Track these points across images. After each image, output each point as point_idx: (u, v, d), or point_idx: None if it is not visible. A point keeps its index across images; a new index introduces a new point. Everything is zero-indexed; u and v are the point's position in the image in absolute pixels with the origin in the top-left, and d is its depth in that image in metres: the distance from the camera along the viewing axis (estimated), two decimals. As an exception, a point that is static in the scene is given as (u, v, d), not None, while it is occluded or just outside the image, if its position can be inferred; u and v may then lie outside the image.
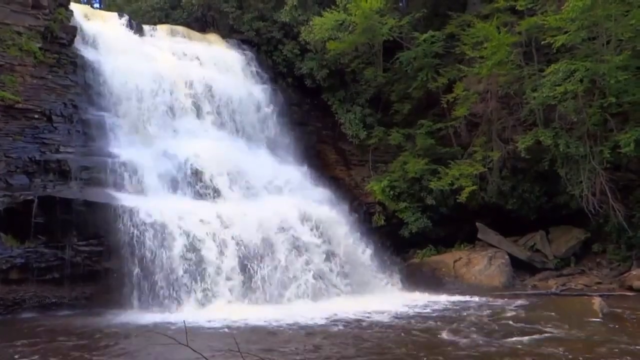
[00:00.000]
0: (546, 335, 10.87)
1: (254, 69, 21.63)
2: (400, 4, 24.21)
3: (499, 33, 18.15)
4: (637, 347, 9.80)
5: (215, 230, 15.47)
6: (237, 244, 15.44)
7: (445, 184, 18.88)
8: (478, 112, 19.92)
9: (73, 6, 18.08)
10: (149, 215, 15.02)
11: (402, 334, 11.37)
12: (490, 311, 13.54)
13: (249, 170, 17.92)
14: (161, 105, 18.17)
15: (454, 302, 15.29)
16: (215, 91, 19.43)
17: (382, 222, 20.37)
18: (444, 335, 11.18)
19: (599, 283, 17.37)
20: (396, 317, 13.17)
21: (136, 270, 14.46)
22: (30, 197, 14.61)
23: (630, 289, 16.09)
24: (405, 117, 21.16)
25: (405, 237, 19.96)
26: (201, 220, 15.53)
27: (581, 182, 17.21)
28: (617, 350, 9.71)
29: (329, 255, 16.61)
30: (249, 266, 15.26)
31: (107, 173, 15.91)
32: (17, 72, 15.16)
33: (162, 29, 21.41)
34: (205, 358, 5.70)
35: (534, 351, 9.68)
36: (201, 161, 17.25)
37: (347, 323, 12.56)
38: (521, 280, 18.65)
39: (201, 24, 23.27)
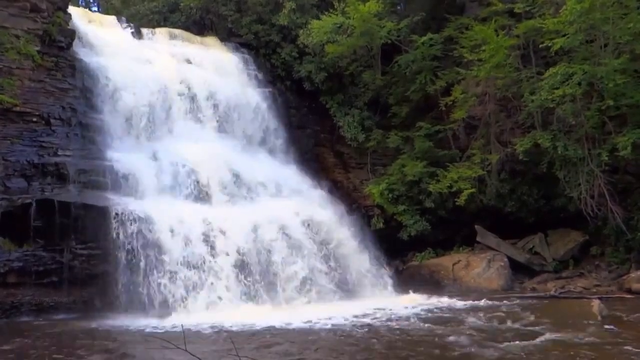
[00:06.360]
0: (545, 338, 10.85)
1: (252, 72, 21.63)
2: (399, 7, 24.23)
3: (497, 36, 18.19)
4: (636, 349, 9.79)
5: (213, 233, 15.46)
6: (235, 247, 15.44)
7: (443, 186, 18.88)
8: (476, 115, 19.93)
9: (71, 9, 18.12)
10: (147, 219, 15.01)
11: (400, 337, 11.35)
12: (489, 314, 13.51)
13: (247, 174, 17.91)
14: (159, 108, 18.17)
15: (452, 305, 15.26)
16: (214, 94, 19.43)
17: (381, 225, 20.35)
18: (442, 338, 11.16)
19: (598, 285, 17.35)
20: (394, 320, 13.14)
21: (134, 273, 14.44)
22: (28, 201, 14.60)
23: (629, 291, 16.06)
24: (404, 120, 21.16)
25: (404, 240, 19.94)
26: (199, 223, 15.52)
27: (579, 184, 17.22)
28: (616, 352, 9.70)
29: (328, 258, 16.60)
30: (246, 269, 15.25)
31: (105, 176, 15.90)
32: (15, 76, 15.15)
33: (161, 32, 21.42)
34: (203, 362, 5.69)
35: (533, 354, 9.66)
36: (199, 164, 17.25)
37: (344, 326, 12.53)
38: (520, 282, 18.65)
39: (200, 27, 23.26)
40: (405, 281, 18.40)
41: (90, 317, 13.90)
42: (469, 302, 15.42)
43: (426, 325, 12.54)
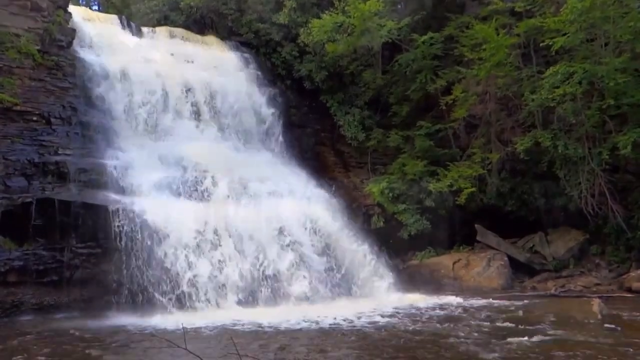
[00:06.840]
0: (545, 337, 10.86)
1: (252, 71, 21.62)
2: (399, 6, 24.20)
3: (498, 35, 18.19)
4: (636, 348, 9.79)
5: (214, 233, 15.45)
6: (235, 246, 15.44)
7: (444, 185, 18.88)
8: (477, 114, 19.94)
9: (72, 8, 18.12)
10: (147, 218, 15.00)
11: (401, 336, 11.35)
12: (489, 313, 13.53)
13: (247, 173, 17.87)
14: (160, 107, 18.17)
15: (453, 304, 15.26)
16: (214, 93, 19.44)
17: (381, 224, 20.32)
18: (445, 337, 11.16)
19: (598, 284, 17.35)
20: (395, 319, 13.14)
21: (134, 273, 14.43)
22: (28, 200, 14.59)
23: (629, 290, 16.07)
24: (404, 119, 21.17)
25: (404, 239, 19.92)
26: (199, 223, 15.51)
27: (580, 183, 17.23)
28: (616, 351, 9.70)
29: (328, 257, 16.59)
30: (246, 269, 15.24)
31: (105, 175, 15.89)
32: (15, 75, 15.18)
33: (161, 31, 21.40)
34: (204, 361, 5.69)
35: (534, 353, 9.67)
36: (200, 163, 17.25)
37: (345, 325, 12.54)
38: (520, 281, 18.65)
39: (200, 26, 23.25)
40: (406, 280, 18.36)
41: (91, 316, 13.87)
42: (470, 301, 15.43)
43: (428, 324, 12.54)
